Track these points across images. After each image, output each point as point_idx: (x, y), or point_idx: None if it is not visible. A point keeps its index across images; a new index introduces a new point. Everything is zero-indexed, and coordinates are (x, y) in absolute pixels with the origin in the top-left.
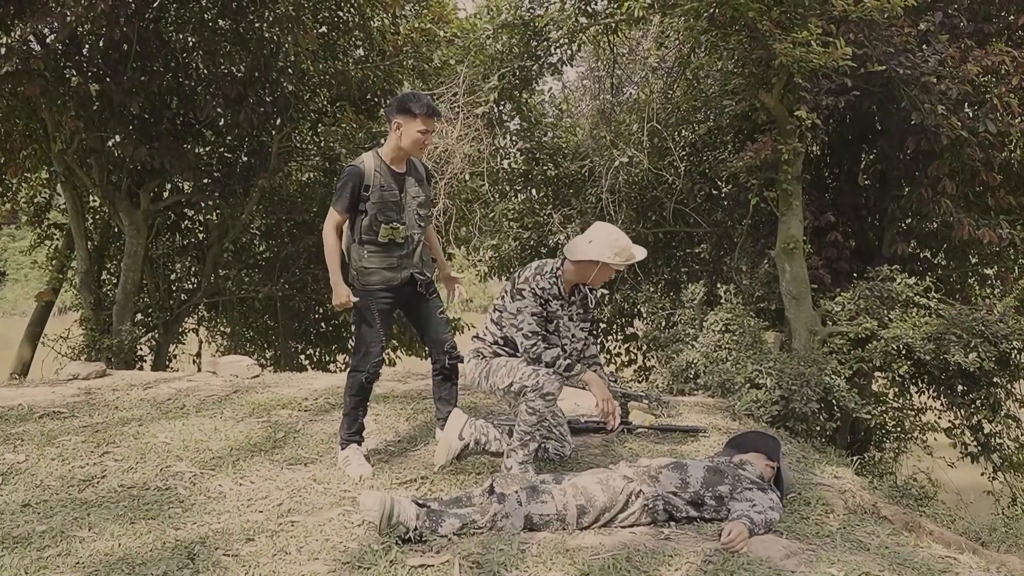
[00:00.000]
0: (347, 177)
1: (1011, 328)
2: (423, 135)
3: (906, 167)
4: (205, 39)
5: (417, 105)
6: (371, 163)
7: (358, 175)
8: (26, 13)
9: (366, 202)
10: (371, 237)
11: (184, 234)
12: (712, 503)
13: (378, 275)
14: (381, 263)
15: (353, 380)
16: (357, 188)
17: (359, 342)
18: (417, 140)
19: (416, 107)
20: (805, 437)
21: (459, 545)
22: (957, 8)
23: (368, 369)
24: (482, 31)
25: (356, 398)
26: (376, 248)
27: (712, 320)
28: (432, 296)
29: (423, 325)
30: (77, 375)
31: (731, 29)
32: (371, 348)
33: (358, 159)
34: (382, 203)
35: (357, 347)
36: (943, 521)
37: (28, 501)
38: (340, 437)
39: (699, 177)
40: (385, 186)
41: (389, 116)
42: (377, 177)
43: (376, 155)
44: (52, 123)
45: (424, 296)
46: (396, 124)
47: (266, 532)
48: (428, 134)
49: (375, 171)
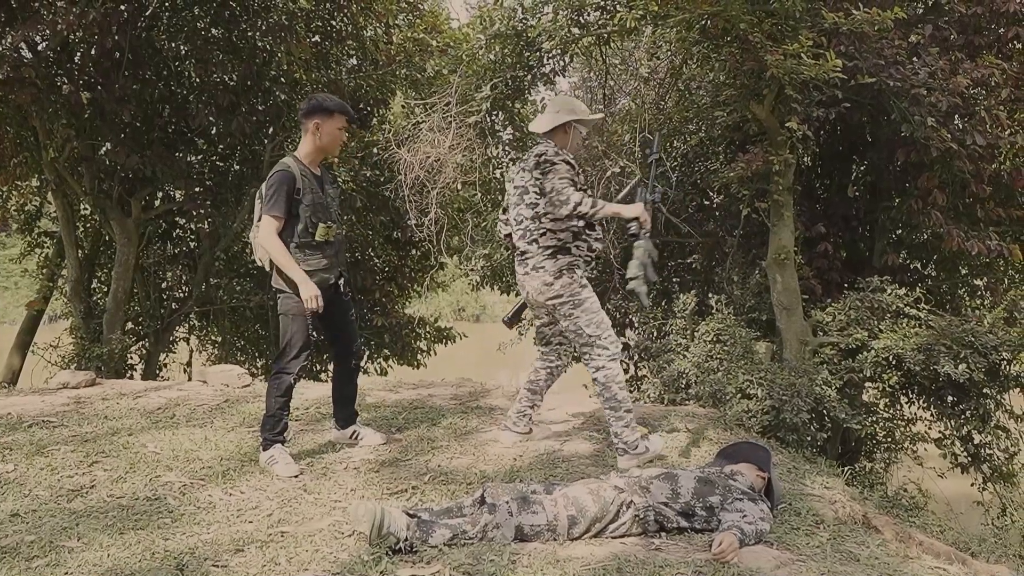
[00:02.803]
0: (280, 182)
1: (1000, 339)
2: (342, 131)
3: (896, 179)
4: (197, 48)
5: (333, 103)
6: (296, 167)
7: (291, 179)
8: (17, 21)
9: (299, 205)
10: (307, 240)
11: (175, 243)
12: (703, 513)
13: (316, 276)
14: (318, 264)
15: (281, 382)
16: (291, 191)
17: (290, 345)
18: (336, 136)
19: (333, 104)
20: (796, 447)
21: (450, 555)
22: (947, 21)
23: (297, 372)
24: (475, 41)
25: (283, 399)
26: (313, 250)
27: (703, 330)
28: (347, 297)
29: (339, 326)
30: (67, 384)
31: (723, 41)
32: (302, 351)
33: (282, 164)
34: (314, 205)
35: (287, 349)
36: (933, 532)
37: (17, 511)
38: (263, 438)
39: (691, 188)
40: (313, 188)
41: (304, 119)
42: (304, 180)
43: (296, 159)
44: (43, 131)
45: (342, 296)
46: (314, 124)
47: (256, 543)
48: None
49: (301, 174)
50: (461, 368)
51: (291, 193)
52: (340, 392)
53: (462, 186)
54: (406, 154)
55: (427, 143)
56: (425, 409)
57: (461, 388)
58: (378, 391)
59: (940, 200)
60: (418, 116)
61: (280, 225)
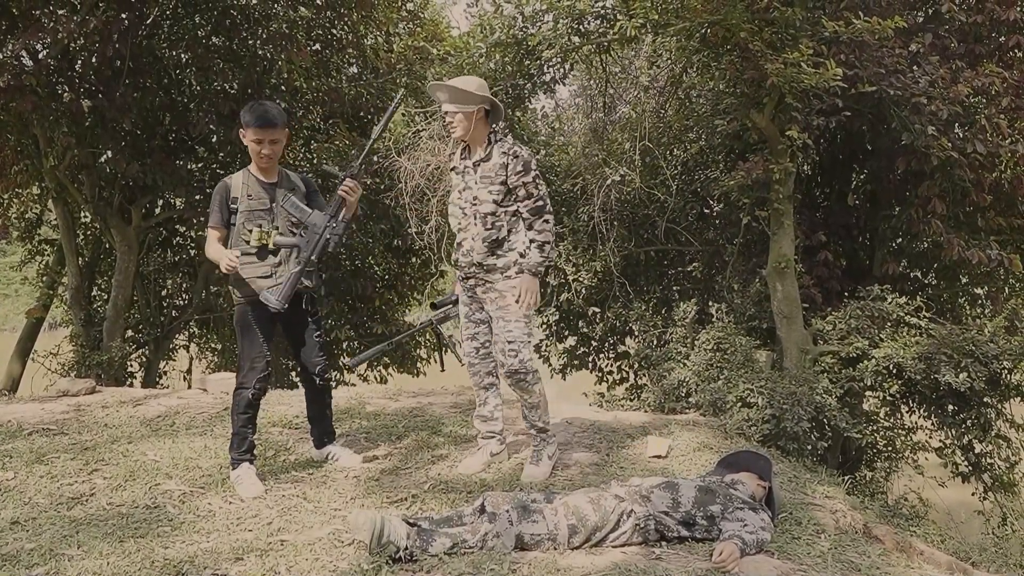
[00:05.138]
0: (215, 193)
1: (1001, 348)
2: (257, 145)
3: (896, 187)
4: (198, 56)
5: (249, 114)
6: (239, 178)
7: (225, 189)
8: (18, 29)
9: (235, 213)
10: (243, 246)
11: (175, 250)
12: (703, 523)
13: (254, 284)
14: (255, 272)
15: (240, 398)
16: (225, 201)
17: (243, 357)
18: (252, 150)
19: (247, 116)
20: (796, 456)
21: (450, 564)
22: (948, 29)
23: (254, 385)
24: (475, 49)
25: (245, 415)
26: (250, 256)
27: (704, 339)
28: (315, 316)
29: (300, 342)
30: (67, 392)
31: (723, 49)
32: (255, 363)
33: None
34: (250, 211)
35: (241, 363)
36: (934, 541)
37: (17, 519)
38: (231, 457)
39: (691, 196)
40: (253, 195)
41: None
42: (244, 188)
43: (246, 170)
44: (44, 139)
45: (307, 314)
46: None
47: (255, 551)
48: (263, 143)
49: (243, 183)
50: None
51: (223, 203)
52: (309, 412)
53: None
54: (406, 162)
55: (428, 151)
56: (425, 417)
57: (461, 396)
58: (378, 399)
59: (940, 209)
60: (418, 124)
61: (220, 235)
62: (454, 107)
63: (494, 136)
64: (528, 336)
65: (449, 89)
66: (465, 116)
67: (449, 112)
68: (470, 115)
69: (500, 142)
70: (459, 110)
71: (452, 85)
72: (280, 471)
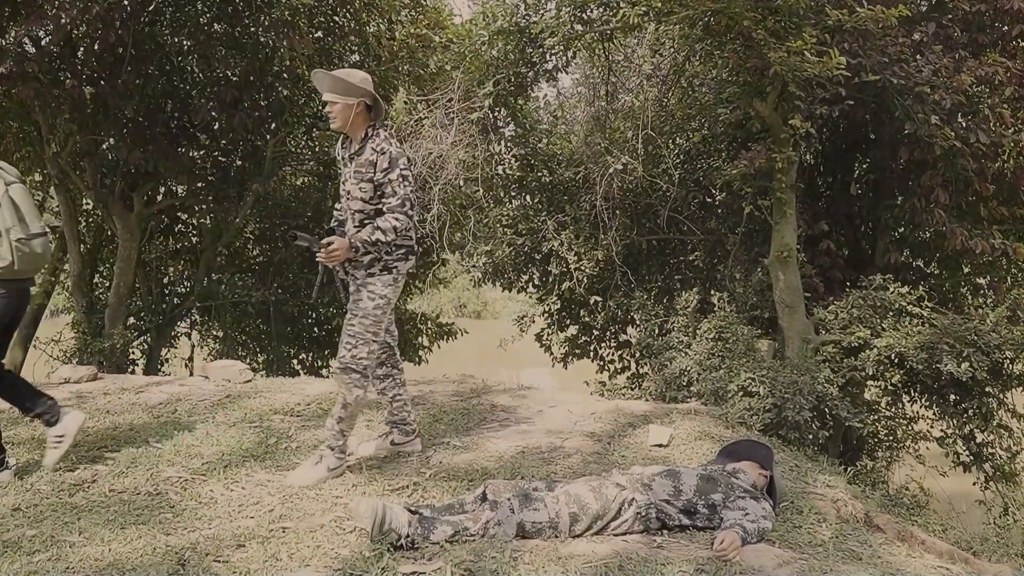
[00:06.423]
0: None
1: (1003, 338)
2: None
3: (899, 177)
4: (200, 43)
5: None
6: None
7: None
8: (21, 16)
9: None
10: None
11: (177, 238)
12: (705, 511)
13: None
14: None
15: None
16: None
17: None
18: None
19: None
20: (798, 446)
21: (451, 552)
22: (951, 19)
23: None
24: (477, 37)
25: None
26: None
27: (705, 328)
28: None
29: None
30: (68, 379)
31: (726, 38)
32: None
33: None
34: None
35: None
36: (935, 530)
37: (19, 505)
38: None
39: (693, 185)
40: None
41: None
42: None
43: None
44: (46, 126)
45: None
46: None
47: (257, 538)
48: None
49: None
50: (462, 364)
51: None
52: None
53: (464, 182)
54: (408, 150)
55: (429, 139)
56: (427, 405)
57: (463, 385)
58: None
59: (943, 198)
60: (420, 112)
61: None
62: (334, 96)
63: (372, 130)
64: (374, 337)
65: (332, 79)
66: (344, 107)
67: (328, 101)
68: (350, 107)
69: (373, 137)
70: (339, 100)
71: (335, 75)
72: (282, 458)
